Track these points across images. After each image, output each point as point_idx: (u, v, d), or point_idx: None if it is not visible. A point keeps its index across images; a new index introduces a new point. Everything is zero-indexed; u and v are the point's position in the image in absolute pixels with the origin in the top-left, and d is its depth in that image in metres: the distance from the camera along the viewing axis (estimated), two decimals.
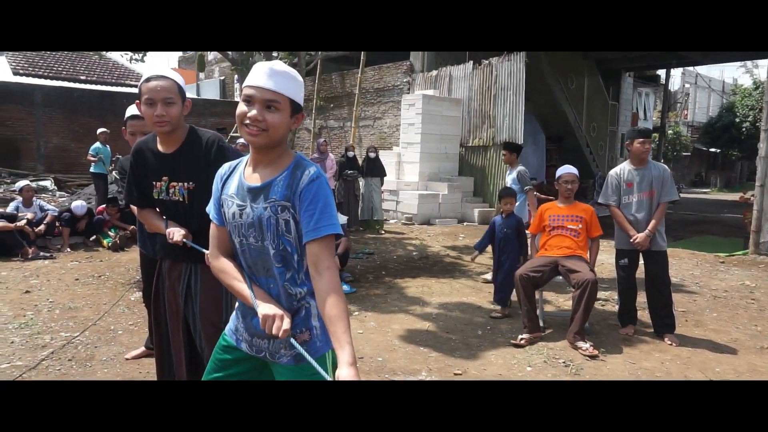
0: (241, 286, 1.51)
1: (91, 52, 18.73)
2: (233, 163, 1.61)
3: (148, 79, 2.16)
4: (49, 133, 14.35)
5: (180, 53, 27.70)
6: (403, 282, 5.98)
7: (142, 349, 3.59)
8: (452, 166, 12.30)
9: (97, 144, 9.73)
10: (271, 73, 1.44)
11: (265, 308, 1.44)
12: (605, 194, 4.32)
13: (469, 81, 12.36)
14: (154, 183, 2.27)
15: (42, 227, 6.86)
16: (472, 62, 12.26)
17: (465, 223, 11.22)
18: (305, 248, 1.42)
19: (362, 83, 14.35)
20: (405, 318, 4.67)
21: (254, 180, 1.49)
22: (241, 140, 7.94)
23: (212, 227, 1.62)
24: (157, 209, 2.36)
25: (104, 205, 7.90)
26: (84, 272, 6.00)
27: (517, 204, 5.26)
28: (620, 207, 4.23)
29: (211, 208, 1.62)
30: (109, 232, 7.41)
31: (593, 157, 15.60)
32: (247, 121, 1.41)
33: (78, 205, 7.20)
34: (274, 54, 9.59)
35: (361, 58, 13.96)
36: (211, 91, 21.22)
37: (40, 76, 17.06)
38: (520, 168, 6.03)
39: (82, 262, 6.55)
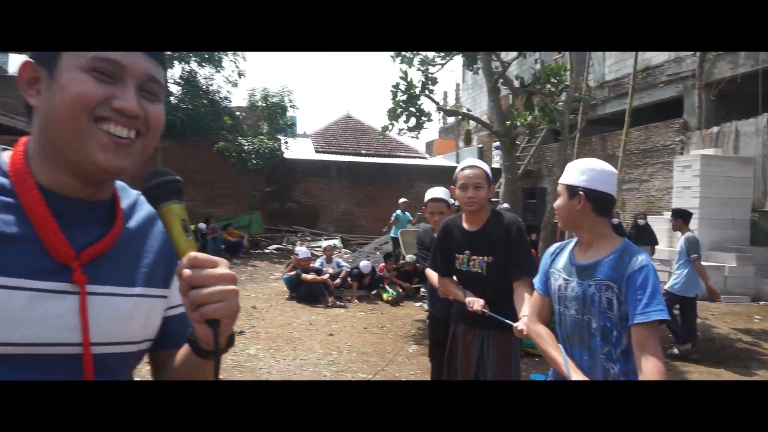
0: (555, 353, 1.71)
1: (374, 129, 22.00)
2: (563, 243, 1.87)
3: (463, 168, 2.55)
4: (339, 200, 17.20)
5: (441, 124, 30.14)
6: (683, 366, 5.37)
7: None
8: (741, 234, 10.61)
9: (398, 211, 11.12)
10: (577, 169, 1.71)
11: (577, 377, 1.60)
12: None
13: (762, 136, 10.69)
14: (457, 255, 2.63)
15: (338, 281, 8.27)
16: (766, 115, 10.63)
17: (761, 302, 9.46)
18: (629, 329, 1.55)
19: (626, 144, 13.61)
20: None
21: (582, 259, 1.71)
22: (505, 205, 8.32)
23: (535, 295, 1.88)
24: (455, 278, 2.74)
25: (383, 263, 9.11)
26: (370, 322, 6.98)
27: (683, 273, 5.49)
28: None
29: (536, 279, 1.89)
30: (388, 288, 8.48)
31: None
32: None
33: (365, 264, 8.47)
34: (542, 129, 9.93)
35: (626, 118, 13.34)
36: (469, 158, 22.72)
37: (333, 152, 20.74)
38: (689, 234, 5.85)
39: (368, 312, 7.63)
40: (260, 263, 12.25)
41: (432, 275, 3.00)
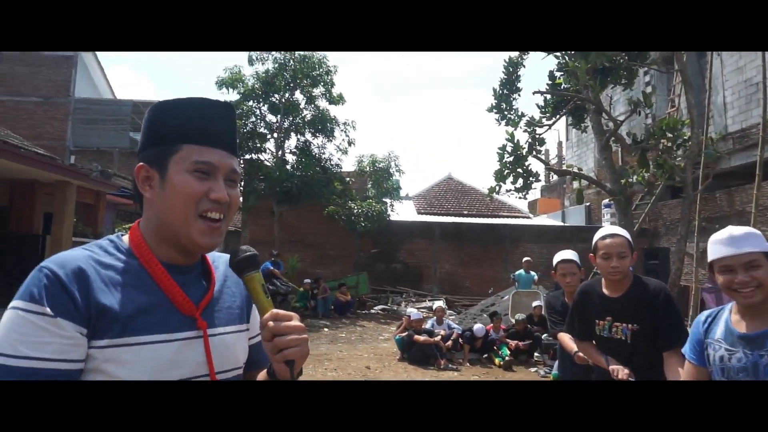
0: None
1: (475, 190, 22.10)
2: (713, 310, 1.81)
3: (603, 237, 2.52)
4: (443, 260, 17.23)
5: (543, 182, 29.47)
6: None
7: None
8: None
9: (521, 271, 10.90)
10: (736, 239, 1.65)
11: None
12: None
13: None
14: (597, 321, 2.57)
15: (449, 343, 8.20)
16: None
17: None
18: None
19: (758, 199, 12.50)
20: None
21: (744, 328, 1.65)
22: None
23: (687, 365, 1.82)
24: (594, 343, 2.67)
25: (491, 323, 8.91)
26: None
27: None
28: None
29: (687, 349, 1.83)
30: (500, 352, 8.25)
31: None
32: (736, 286, 1.62)
33: (478, 328, 8.36)
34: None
35: (757, 171, 12.34)
36: (576, 217, 21.92)
37: (435, 214, 21.00)
38: None
39: (481, 376, 7.45)
40: (368, 323, 12.46)
41: (566, 340, 2.95)
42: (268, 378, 0.99)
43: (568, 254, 3.39)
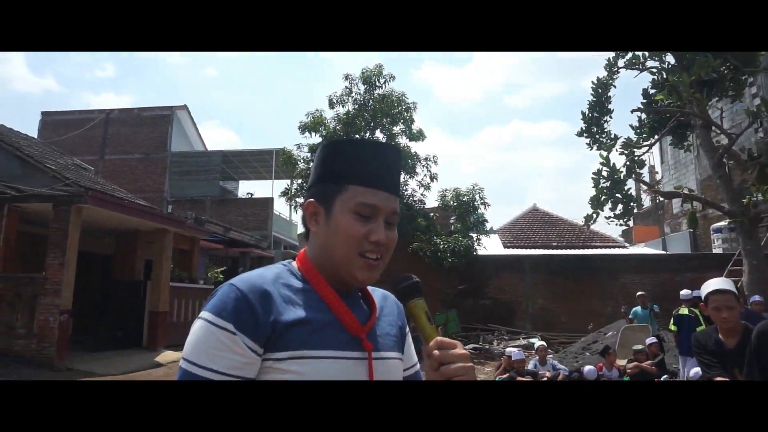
0: None
1: (563, 220, 21.09)
2: None
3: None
4: (535, 295, 16.33)
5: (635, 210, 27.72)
6: None
7: None
8: None
9: (637, 308, 9.95)
10: None
11: None
12: None
13: None
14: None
15: None
16: None
17: None
18: None
19: None
20: None
21: None
22: (757, 298, 6.99)
23: None
24: None
25: (601, 362, 8.10)
26: None
27: None
28: None
29: None
30: None
31: None
32: None
33: (589, 369, 7.62)
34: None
35: None
36: (679, 245, 20.20)
37: (522, 247, 20.14)
38: None
39: None
40: None
41: None
42: None
43: (723, 283, 2.86)
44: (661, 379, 7.11)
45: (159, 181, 23.67)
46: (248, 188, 31.29)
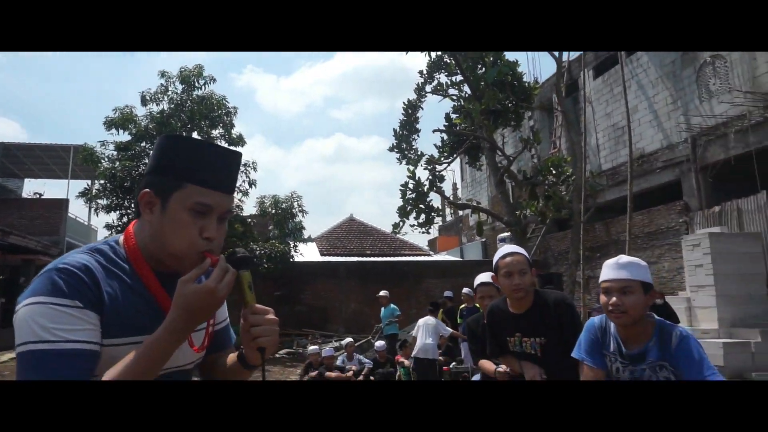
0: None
1: (377, 230, 22.37)
2: (602, 319, 2.00)
3: (503, 256, 2.53)
4: (349, 300, 17.10)
5: (440, 221, 30.54)
6: None
7: None
8: (762, 309, 10.53)
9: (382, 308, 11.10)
10: (619, 266, 1.85)
11: None
12: None
13: (765, 212, 11.00)
14: (508, 338, 2.60)
15: (361, 377, 8.06)
16: (765, 192, 11.02)
17: None
18: None
19: (631, 228, 13.91)
20: None
21: (630, 347, 1.84)
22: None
23: (587, 369, 1.95)
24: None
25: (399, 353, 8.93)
26: None
27: None
28: None
29: (585, 353, 1.99)
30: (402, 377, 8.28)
31: None
32: (610, 307, 1.81)
33: (380, 344, 8.40)
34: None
35: (628, 204, 13.77)
36: (474, 252, 22.96)
37: (338, 255, 20.93)
38: None
39: None
40: (273, 368, 11.93)
41: (486, 365, 2.85)
42: (238, 362, 1.14)
43: (488, 277, 3.41)
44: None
45: None
46: (36, 187, 27.20)
